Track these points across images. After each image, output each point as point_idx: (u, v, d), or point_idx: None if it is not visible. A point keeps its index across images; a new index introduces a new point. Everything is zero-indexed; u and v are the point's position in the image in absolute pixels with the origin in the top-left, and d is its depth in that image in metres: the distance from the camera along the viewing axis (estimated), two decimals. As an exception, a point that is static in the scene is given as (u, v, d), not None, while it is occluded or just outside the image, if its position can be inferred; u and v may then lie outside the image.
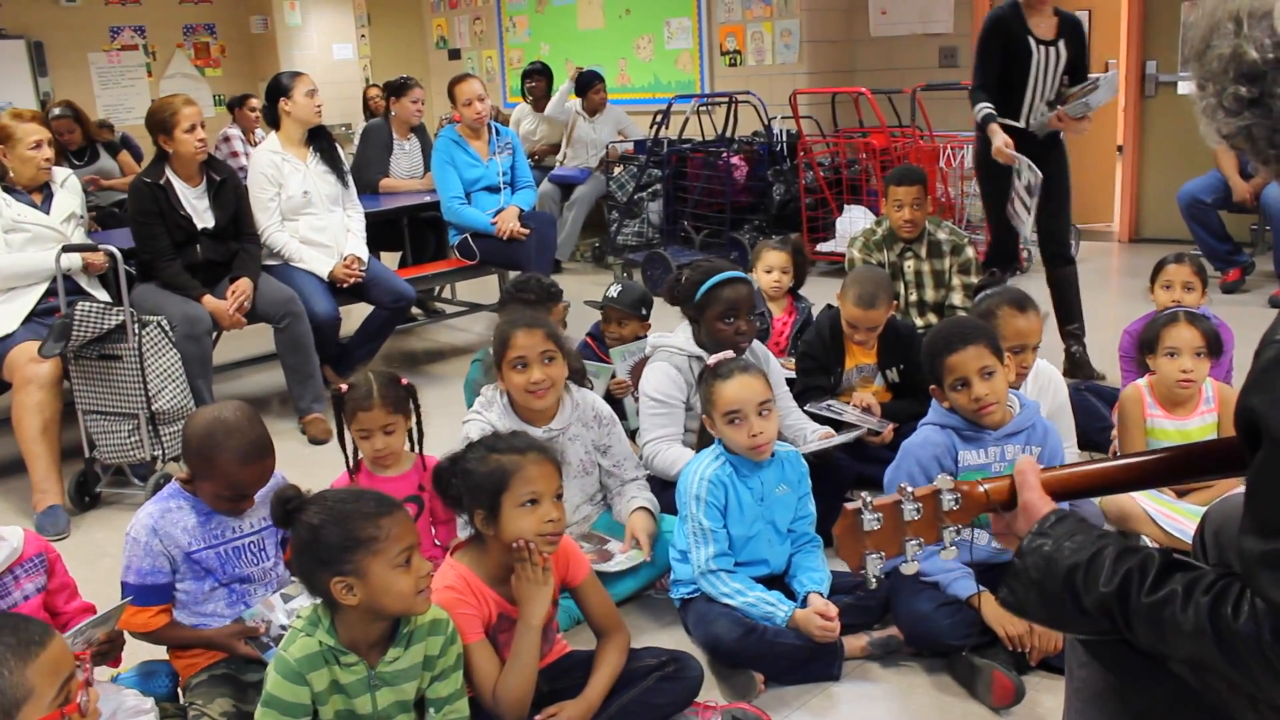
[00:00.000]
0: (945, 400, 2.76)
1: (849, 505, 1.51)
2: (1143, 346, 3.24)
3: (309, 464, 4.23)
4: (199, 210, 4.58)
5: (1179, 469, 1.64)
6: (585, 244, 8.36)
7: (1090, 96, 4.43)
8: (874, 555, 1.51)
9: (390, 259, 6.44)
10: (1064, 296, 4.76)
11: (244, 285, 4.61)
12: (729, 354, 2.89)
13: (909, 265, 4.45)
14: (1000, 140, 4.39)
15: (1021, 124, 4.54)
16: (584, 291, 6.18)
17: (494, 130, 5.82)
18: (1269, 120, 1.35)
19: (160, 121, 4.43)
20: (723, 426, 2.74)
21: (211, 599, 2.56)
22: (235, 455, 2.46)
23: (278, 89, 5.00)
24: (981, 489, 1.55)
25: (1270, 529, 1.26)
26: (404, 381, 2.93)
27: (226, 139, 8.04)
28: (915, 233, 4.42)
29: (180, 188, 4.52)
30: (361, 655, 2.12)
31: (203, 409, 2.61)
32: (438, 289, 6.70)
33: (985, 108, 4.49)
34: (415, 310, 6.56)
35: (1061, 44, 4.49)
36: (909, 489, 1.52)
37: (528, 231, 5.53)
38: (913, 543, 1.53)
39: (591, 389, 3.71)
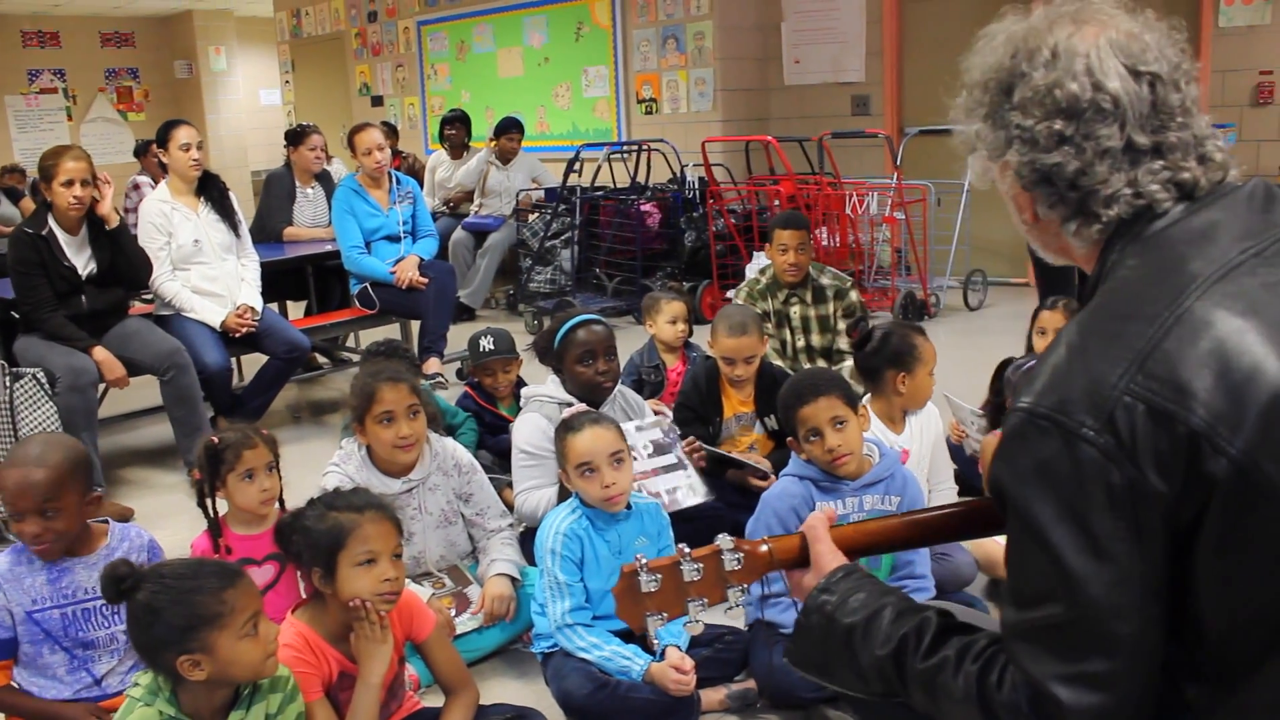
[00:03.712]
0: (802, 452, 2.78)
1: (626, 566, 1.50)
2: (999, 396, 3.29)
3: (195, 518, 4.15)
4: (82, 259, 4.49)
5: (961, 525, 1.64)
6: (499, 291, 8.34)
7: None
8: (655, 616, 1.49)
9: (296, 308, 6.40)
10: None
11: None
12: (581, 407, 2.89)
13: (795, 311, 4.49)
14: None
15: None
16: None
17: (394, 179, 5.82)
18: (1080, 160, 1.30)
19: (43, 170, 4.36)
20: (576, 479, 2.73)
21: (51, 663, 2.50)
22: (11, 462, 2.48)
23: (158, 137, 4.95)
24: (764, 548, 1.54)
25: (1023, 600, 1.26)
26: (265, 432, 2.91)
27: (136, 187, 7.95)
28: (800, 276, 4.46)
29: (63, 238, 4.43)
30: None
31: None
32: (341, 338, 6.65)
33: None
34: (321, 360, 6.51)
35: None
36: (687, 550, 1.51)
37: (426, 281, 5.52)
38: (696, 603, 1.51)
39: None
